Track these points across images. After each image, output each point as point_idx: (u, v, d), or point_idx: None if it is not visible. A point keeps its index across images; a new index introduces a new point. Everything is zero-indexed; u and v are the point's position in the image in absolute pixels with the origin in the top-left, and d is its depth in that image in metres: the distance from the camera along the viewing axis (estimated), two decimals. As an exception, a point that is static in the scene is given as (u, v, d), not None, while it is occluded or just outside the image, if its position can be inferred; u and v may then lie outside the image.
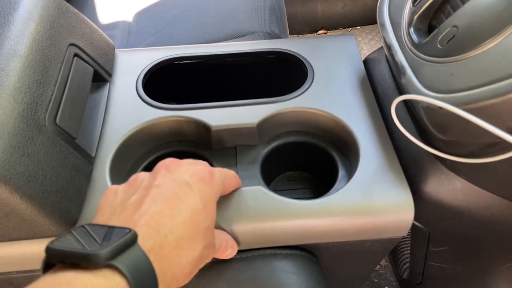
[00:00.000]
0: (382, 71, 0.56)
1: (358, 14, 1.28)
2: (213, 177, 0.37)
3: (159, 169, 0.36)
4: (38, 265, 0.43)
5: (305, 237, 0.45)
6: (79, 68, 0.50)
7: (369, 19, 1.30)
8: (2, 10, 0.48)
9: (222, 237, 0.40)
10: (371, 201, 0.44)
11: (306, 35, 1.32)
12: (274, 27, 0.72)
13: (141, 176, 0.36)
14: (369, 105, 0.52)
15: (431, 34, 0.43)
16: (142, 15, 0.85)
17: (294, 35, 1.33)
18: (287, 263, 0.45)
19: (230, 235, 0.43)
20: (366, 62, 0.58)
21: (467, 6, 0.41)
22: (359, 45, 1.27)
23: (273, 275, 0.44)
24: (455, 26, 0.41)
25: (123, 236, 0.27)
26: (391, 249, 0.51)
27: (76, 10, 0.55)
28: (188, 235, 0.32)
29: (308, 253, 0.47)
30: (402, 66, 0.45)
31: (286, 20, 0.80)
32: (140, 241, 0.29)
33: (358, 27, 1.32)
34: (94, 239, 0.28)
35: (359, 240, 0.46)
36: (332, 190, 0.47)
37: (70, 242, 0.28)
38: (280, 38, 0.73)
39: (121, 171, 0.50)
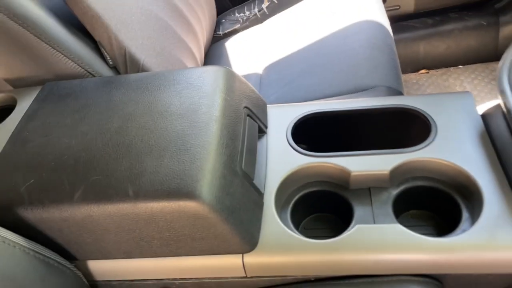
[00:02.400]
0: (500, 127, 0.64)
1: (460, 54, 1.34)
2: None
3: None
4: (227, 273, 0.58)
5: (435, 268, 0.54)
6: (251, 125, 0.65)
7: (471, 59, 1.35)
8: (195, 81, 0.66)
9: None
10: (494, 241, 0.52)
11: (408, 74, 1.41)
12: (392, 82, 0.84)
13: None
14: (490, 158, 0.61)
15: (551, 104, 0.52)
16: (271, 68, 1.02)
17: (395, 74, 1.42)
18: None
19: (371, 263, 0.55)
20: (484, 117, 0.67)
21: None
22: (462, 84, 1.32)
23: (409, 297, 0.54)
24: None
25: None
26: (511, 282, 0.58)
27: (240, 76, 0.72)
28: None
29: (437, 281, 0.57)
30: (523, 129, 0.54)
31: (401, 72, 0.90)
32: None
33: (460, 66, 1.37)
34: None
35: (482, 273, 0.55)
36: (458, 231, 0.57)
37: None
38: (398, 90, 0.84)
39: (279, 204, 0.65)
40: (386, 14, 1.05)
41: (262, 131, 0.71)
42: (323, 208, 0.69)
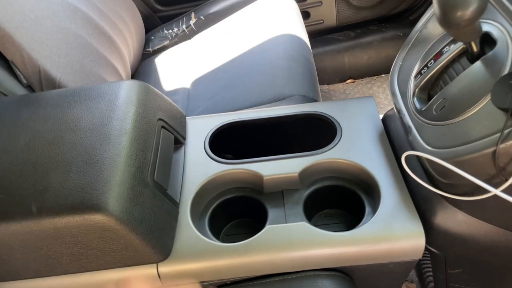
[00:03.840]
0: (397, 127, 0.69)
1: (381, 64, 1.43)
2: None
3: None
4: (143, 284, 0.58)
5: (340, 261, 0.58)
6: (165, 137, 0.67)
7: (391, 68, 1.44)
8: (107, 96, 0.67)
9: None
10: (390, 232, 0.57)
11: (336, 84, 1.48)
12: (308, 90, 0.88)
13: None
14: (387, 155, 0.66)
15: (429, 103, 0.57)
16: (198, 82, 1.04)
17: (325, 85, 1.49)
18: (328, 282, 0.58)
19: (281, 262, 0.57)
20: (384, 119, 0.72)
21: (453, 83, 0.55)
22: (384, 91, 1.41)
23: (317, 291, 0.57)
24: (445, 98, 0.55)
25: None
26: (411, 270, 0.62)
27: (156, 90, 0.73)
28: None
29: (344, 274, 0.60)
30: (409, 127, 0.59)
31: (317, 81, 0.96)
32: None
33: (383, 75, 1.46)
34: None
35: (383, 263, 0.59)
36: (360, 224, 0.61)
37: None
38: (313, 98, 0.89)
39: (197, 212, 0.66)
40: (305, 28, 1.11)
41: (179, 142, 0.72)
42: (242, 214, 0.72)
